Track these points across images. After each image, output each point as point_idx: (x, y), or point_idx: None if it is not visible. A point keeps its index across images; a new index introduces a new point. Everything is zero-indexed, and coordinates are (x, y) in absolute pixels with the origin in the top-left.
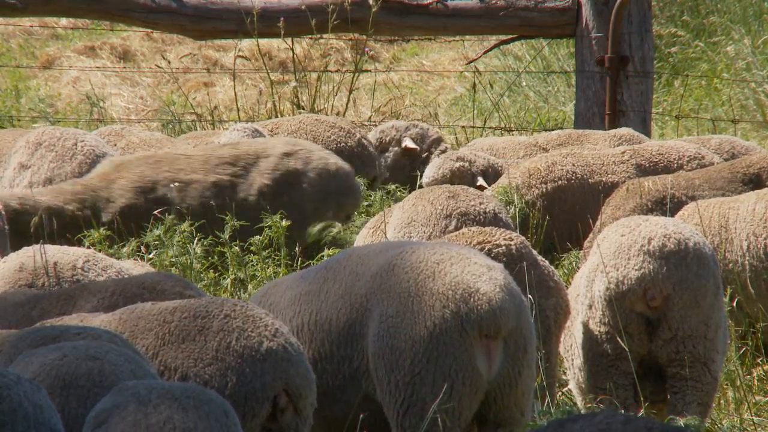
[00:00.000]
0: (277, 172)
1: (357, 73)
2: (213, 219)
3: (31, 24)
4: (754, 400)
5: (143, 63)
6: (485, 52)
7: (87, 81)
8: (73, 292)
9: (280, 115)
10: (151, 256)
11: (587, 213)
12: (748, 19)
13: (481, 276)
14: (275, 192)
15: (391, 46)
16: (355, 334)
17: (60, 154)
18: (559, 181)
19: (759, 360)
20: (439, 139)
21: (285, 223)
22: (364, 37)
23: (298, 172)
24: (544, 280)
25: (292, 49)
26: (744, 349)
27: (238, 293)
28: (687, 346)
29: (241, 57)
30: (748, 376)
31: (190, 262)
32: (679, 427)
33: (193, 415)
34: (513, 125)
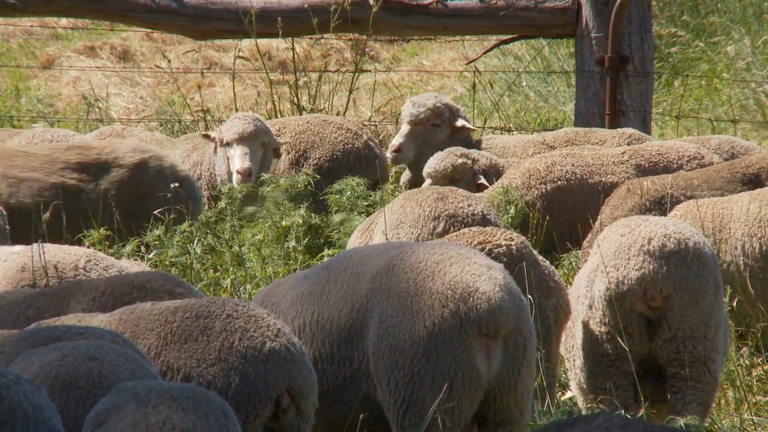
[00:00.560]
0: (126, 179)
1: (357, 73)
2: (56, 220)
3: (31, 24)
4: (754, 400)
5: (143, 63)
6: (485, 52)
7: (87, 81)
8: (67, 291)
9: (280, 115)
10: (151, 256)
11: (587, 213)
12: (748, 19)
13: (480, 275)
14: (123, 198)
15: (391, 46)
16: (356, 335)
17: None
18: (559, 182)
19: (759, 360)
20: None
21: (285, 223)
22: (364, 37)
23: (149, 180)
24: (545, 280)
25: (293, 49)
26: (744, 349)
27: (238, 293)
28: (687, 346)
29: (241, 57)
30: (748, 376)
31: (190, 262)
32: (677, 429)
33: (192, 415)
34: (513, 125)
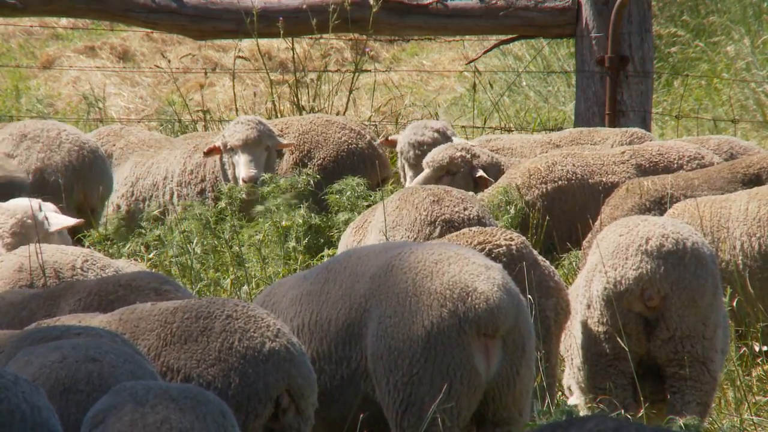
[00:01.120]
0: None
1: (357, 73)
2: None
3: (31, 24)
4: (754, 400)
5: (143, 63)
6: (485, 52)
7: (87, 81)
8: (59, 292)
9: (280, 115)
10: (151, 256)
11: (587, 213)
12: (748, 19)
13: (479, 275)
14: None
15: (391, 46)
16: (354, 335)
17: (47, 145)
18: (560, 181)
19: (759, 360)
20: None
21: (285, 223)
22: (364, 37)
23: None
24: (545, 280)
25: (293, 49)
26: (743, 349)
27: (238, 293)
28: (685, 345)
29: (241, 57)
30: (748, 376)
31: (190, 262)
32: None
33: (190, 415)
34: (513, 125)
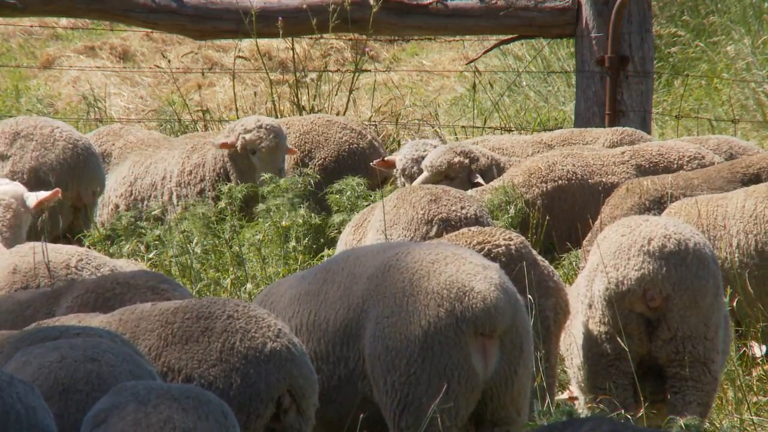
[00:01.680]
0: None
1: (357, 73)
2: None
3: (31, 24)
4: (754, 400)
5: (143, 63)
6: (485, 52)
7: (87, 81)
8: (60, 291)
9: (280, 115)
10: (152, 256)
11: (587, 213)
12: (748, 19)
13: (476, 275)
14: None
15: (391, 46)
16: (352, 335)
17: (41, 143)
18: (560, 181)
19: (759, 360)
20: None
21: (285, 223)
22: (364, 37)
23: None
24: (544, 280)
25: (293, 49)
26: (743, 349)
27: (238, 293)
28: (687, 346)
29: (241, 57)
30: (748, 376)
31: (190, 262)
32: None
33: (192, 415)
34: (513, 125)
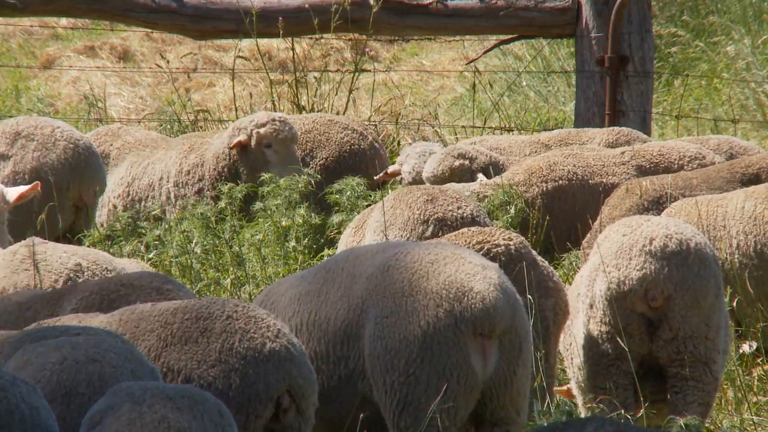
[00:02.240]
0: None
1: (357, 73)
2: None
3: (31, 24)
4: (754, 400)
5: (143, 63)
6: (485, 52)
7: (87, 81)
8: (63, 292)
9: None
10: (152, 256)
11: (587, 213)
12: (748, 19)
13: (475, 275)
14: None
15: (391, 46)
16: (352, 335)
17: (42, 143)
18: (560, 181)
19: (759, 360)
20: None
21: (285, 223)
22: (364, 37)
23: None
24: (543, 280)
25: (293, 49)
26: (742, 350)
27: (238, 293)
28: (688, 346)
29: (241, 57)
30: (748, 376)
31: (190, 262)
32: None
33: (187, 414)
34: (513, 125)
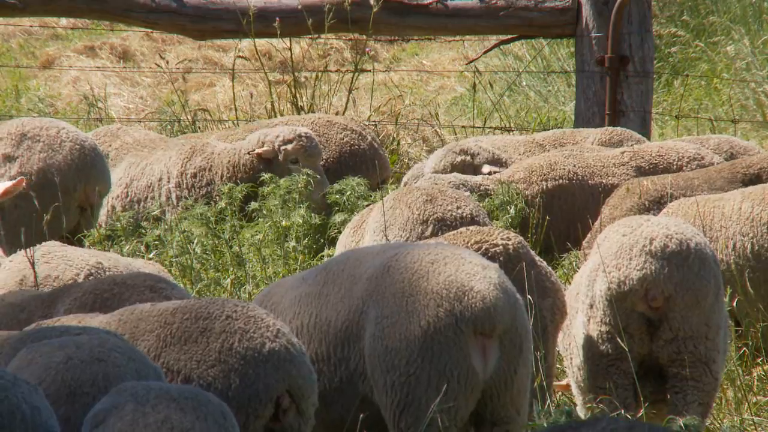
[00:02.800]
0: None
1: (356, 73)
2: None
3: (31, 24)
4: (754, 400)
5: (143, 63)
6: (485, 52)
7: (87, 81)
8: (56, 293)
9: (279, 116)
10: (152, 256)
11: (586, 214)
12: (748, 19)
13: (475, 275)
14: None
15: (391, 46)
16: (352, 336)
17: (48, 144)
18: (560, 180)
19: (759, 360)
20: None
21: (285, 223)
22: (364, 37)
23: None
24: (542, 280)
25: (290, 49)
26: (743, 350)
27: (238, 293)
28: (688, 346)
29: (241, 57)
30: (748, 376)
31: (190, 262)
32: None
33: (191, 415)
34: (513, 125)
